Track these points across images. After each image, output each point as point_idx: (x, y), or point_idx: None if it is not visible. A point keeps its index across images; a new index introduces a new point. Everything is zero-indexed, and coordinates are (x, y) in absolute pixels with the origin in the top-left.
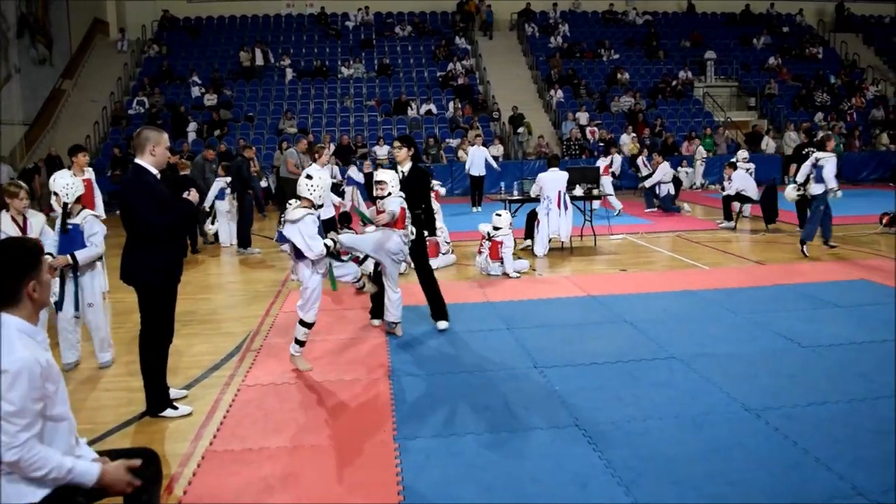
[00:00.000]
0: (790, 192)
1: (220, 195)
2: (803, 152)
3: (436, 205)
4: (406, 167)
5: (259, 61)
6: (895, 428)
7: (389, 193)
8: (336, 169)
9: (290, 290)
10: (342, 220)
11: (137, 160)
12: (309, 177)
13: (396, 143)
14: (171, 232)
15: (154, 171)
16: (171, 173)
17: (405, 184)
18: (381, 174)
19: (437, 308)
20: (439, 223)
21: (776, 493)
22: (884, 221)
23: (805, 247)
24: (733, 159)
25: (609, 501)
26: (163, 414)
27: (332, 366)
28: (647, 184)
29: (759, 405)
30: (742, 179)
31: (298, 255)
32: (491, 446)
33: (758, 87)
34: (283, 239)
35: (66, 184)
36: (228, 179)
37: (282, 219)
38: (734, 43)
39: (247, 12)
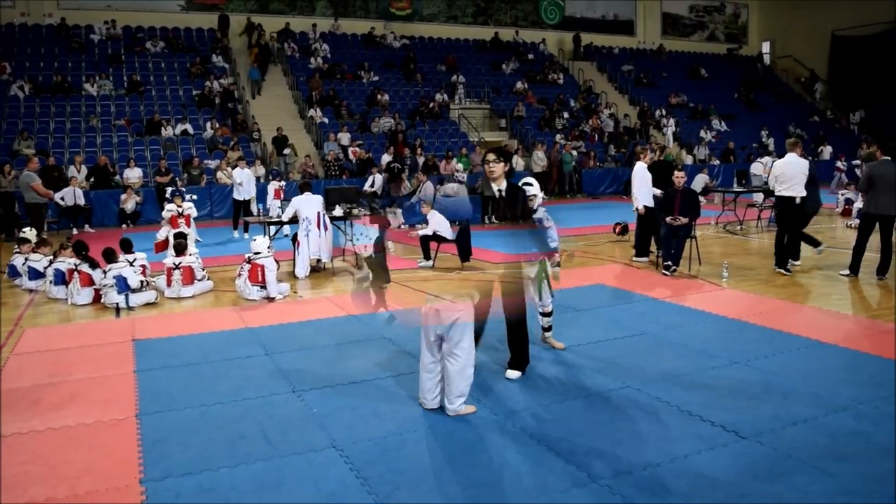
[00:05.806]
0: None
1: None
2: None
3: (188, 229)
4: (503, 185)
5: None
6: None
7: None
8: (81, 192)
9: (25, 329)
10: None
11: None
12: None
13: (492, 157)
14: None
15: None
16: None
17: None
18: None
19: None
20: (192, 248)
21: (522, 488)
22: (616, 230)
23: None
24: None
25: None
26: None
27: (71, 409)
28: (413, 200)
29: (506, 409)
30: None
31: None
32: (245, 478)
33: (507, 110)
34: (15, 273)
35: None
36: None
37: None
38: (485, 68)
39: None
